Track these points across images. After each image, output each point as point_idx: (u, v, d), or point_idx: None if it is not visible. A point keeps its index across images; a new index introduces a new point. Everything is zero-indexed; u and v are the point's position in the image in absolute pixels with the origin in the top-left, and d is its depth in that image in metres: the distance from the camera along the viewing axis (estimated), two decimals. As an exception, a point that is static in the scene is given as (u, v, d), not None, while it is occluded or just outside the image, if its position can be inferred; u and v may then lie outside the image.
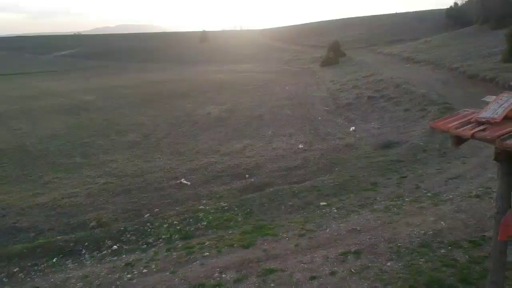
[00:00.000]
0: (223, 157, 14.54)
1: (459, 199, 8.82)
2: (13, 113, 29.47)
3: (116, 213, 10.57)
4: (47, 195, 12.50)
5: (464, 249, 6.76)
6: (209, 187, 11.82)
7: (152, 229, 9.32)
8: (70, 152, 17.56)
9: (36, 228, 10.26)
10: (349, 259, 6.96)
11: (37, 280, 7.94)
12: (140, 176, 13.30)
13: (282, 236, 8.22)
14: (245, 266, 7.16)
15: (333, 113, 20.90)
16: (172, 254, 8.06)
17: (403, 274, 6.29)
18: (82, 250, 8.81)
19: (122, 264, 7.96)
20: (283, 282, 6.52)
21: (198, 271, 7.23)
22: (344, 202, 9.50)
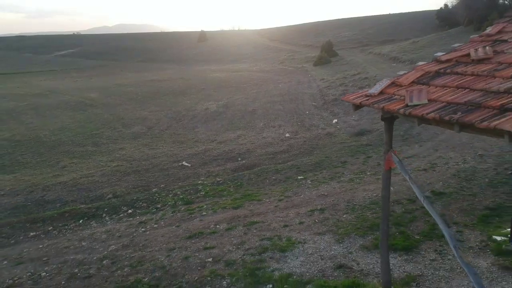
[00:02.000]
0: (219, 145, 16.54)
1: (410, 172, 10.85)
2: (22, 109, 31.35)
3: (128, 188, 12.54)
4: (67, 176, 14.47)
5: (402, 205, 8.78)
6: (206, 167, 13.81)
7: (160, 198, 11.31)
8: (82, 142, 19.51)
9: (61, 200, 12.23)
10: (315, 213, 8.97)
11: (68, 235, 9.93)
12: (146, 160, 15.28)
13: (265, 201, 10.23)
14: (235, 220, 9.17)
15: (320, 108, 22.90)
16: (177, 214, 10.06)
17: (354, 222, 8.30)
18: (103, 214, 10.81)
19: (137, 222, 9.96)
20: (262, 229, 8.52)
21: (197, 224, 9.24)
22: (317, 176, 11.52)
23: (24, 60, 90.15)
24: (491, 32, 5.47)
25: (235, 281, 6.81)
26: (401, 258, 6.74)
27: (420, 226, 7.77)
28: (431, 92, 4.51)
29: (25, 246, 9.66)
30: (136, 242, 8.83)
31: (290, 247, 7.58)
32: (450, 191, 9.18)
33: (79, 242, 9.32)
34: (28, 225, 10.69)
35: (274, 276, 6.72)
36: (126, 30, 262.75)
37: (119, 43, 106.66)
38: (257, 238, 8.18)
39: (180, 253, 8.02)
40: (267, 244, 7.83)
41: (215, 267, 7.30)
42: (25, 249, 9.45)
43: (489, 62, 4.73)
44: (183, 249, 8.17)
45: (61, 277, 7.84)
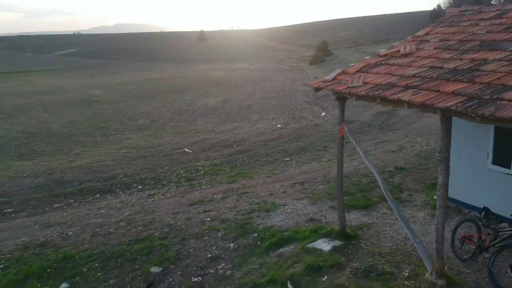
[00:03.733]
0: (217, 134, 18.29)
1: (380, 153, 12.61)
2: (30, 105, 33.03)
3: (137, 170, 14.28)
4: (81, 161, 16.20)
5: (368, 177, 10.52)
6: (205, 153, 15.55)
7: (165, 176, 13.05)
8: (91, 133, 21.24)
9: (78, 180, 13.96)
10: (296, 185, 10.72)
11: (88, 206, 11.67)
12: (152, 148, 17.01)
13: (255, 177, 11.97)
14: (229, 191, 10.91)
15: (311, 103, 24.64)
16: (180, 188, 11.80)
17: (327, 190, 10.04)
18: (116, 190, 12.54)
19: (146, 195, 11.70)
20: (252, 197, 10.26)
21: (198, 195, 10.98)
22: (301, 158, 13.27)
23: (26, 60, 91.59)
24: (420, 34, 7.23)
25: (228, 232, 8.55)
26: (360, 213, 8.49)
27: (379, 192, 9.48)
28: (367, 77, 6.25)
29: (51, 214, 11.39)
30: (147, 209, 10.57)
31: (273, 208, 9.32)
32: (410, 166, 10.93)
33: (98, 210, 11.06)
34: (51, 199, 12.43)
35: (259, 228, 8.46)
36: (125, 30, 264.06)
37: (119, 43, 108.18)
38: (247, 203, 9.92)
39: (184, 215, 9.76)
40: (255, 207, 9.57)
41: (212, 224, 9.04)
42: (52, 216, 11.19)
43: (411, 56, 6.48)
44: (186, 213, 9.90)
45: (86, 235, 9.57)
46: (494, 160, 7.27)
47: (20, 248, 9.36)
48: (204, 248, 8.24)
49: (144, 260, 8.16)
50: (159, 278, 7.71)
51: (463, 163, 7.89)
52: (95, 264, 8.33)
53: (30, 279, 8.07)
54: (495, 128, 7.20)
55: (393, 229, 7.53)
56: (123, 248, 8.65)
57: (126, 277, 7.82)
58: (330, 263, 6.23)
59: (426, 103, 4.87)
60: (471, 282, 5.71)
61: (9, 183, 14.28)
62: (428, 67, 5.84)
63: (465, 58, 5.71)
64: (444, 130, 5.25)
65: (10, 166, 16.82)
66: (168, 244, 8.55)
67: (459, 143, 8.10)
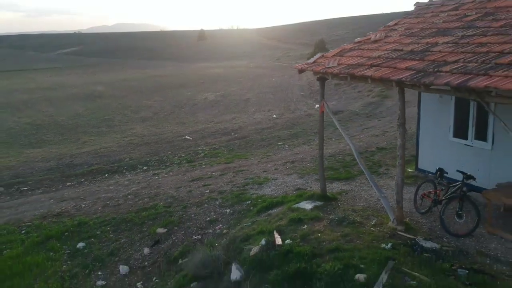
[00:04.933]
0: (216, 124, 19.43)
1: (365, 137, 13.75)
2: (36, 100, 34.09)
3: (142, 154, 15.40)
4: (88, 148, 17.32)
5: (351, 156, 11.62)
6: (205, 140, 16.68)
7: (168, 159, 14.19)
8: (97, 124, 22.36)
9: (87, 163, 15.07)
10: (287, 164, 11.85)
11: (98, 184, 12.79)
12: (155, 136, 18.14)
13: (251, 159, 13.10)
14: (226, 170, 12.04)
15: (307, 97, 25.77)
16: (182, 168, 12.93)
17: (314, 167, 11.15)
18: (123, 170, 13.67)
19: (151, 174, 12.83)
20: (247, 174, 11.39)
21: (198, 173, 12.11)
22: (294, 142, 14.41)
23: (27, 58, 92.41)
24: (390, 24, 8.36)
25: (225, 201, 9.68)
26: (341, 183, 9.61)
27: (360, 167, 10.62)
28: (342, 60, 7.37)
29: (64, 191, 12.52)
30: (152, 185, 11.70)
31: (266, 181, 10.45)
32: (390, 147, 12.06)
33: (107, 187, 12.19)
34: (64, 179, 13.56)
35: (252, 197, 9.58)
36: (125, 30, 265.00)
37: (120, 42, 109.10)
38: (242, 178, 11.05)
39: (185, 189, 10.88)
40: (249, 181, 10.70)
41: (211, 195, 10.17)
42: (65, 193, 12.31)
43: (380, 42, 7.60)
44: (187, 187, 11.03)
45: (97, 206, 10.70)
46: (454, 134, 8.39)
47: (38, 218, 10.49)
48: (203, 213, 9.37)
49: (151, 223, 9.30)
50: (164, 237, 8.85)
51: (430, 138, 9.02)
52: (107, 228, 9.47)
53: (50, 240, 9.21)
54: (455, 106, 8.32)
55: (368, 193, 8.65)
56: (131, 215, 9.78)
57: (135, 237, 8.96)
58: (310, 216, 7.36)
59: (383, 77, 6.00)
60: (426, 228, 6.84)
61: (23, 166, 15.40)
62: (392, 50, 6.97)
63: (422, 42, 6.84)
64: (401, 102, 6.38)
65: (21, 153, 17.94)
66: (171, 211, 9.69)
67: (427, 122, 9.25)
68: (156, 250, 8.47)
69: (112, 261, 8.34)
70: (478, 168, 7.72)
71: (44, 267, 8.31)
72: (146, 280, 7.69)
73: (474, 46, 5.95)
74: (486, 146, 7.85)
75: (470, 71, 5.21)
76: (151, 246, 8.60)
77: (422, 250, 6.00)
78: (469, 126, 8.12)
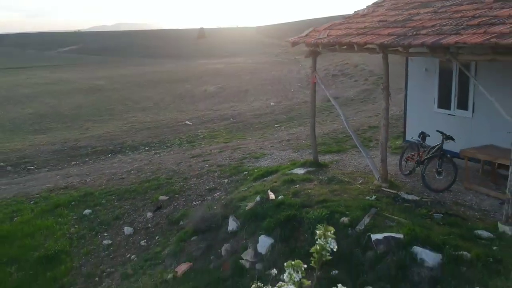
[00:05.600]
0: (215, 111, 19.98)
1: (359, 118, 14.32)
2: (38, 93, 34.59)
3: (143, 138, 15.93)
4: (91, 133, 17.85)
5: (344, 133, 12.19)
6: (205, 125, 17.22)
7: (169, 141, 14.75)
8: (99, 113, 22.89)
9: (91, 146, 15.59)
10: (283, 142, 12.40)
11: (102, 162, 13.33)
12: (155, 122, 18.68)
13: (249, 139, 13.65)
14: (225, 148, 12.59)
15: (304, 87, 26.27)
16: (182, 148, 13.48)
17: (308, 143, 11.68)
18: (126, 151, 14.21)
19: (153, 153, 13.38)
20: (244, 150, 11.94)
21: (198, 151, 12.65)
22: (290, 124, 14.97)
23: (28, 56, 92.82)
24: (379, 1, 8.90)
25: (223, 172, 10.22)
26: (333, 155, 10.16)
27: (352, 143, 11.12)
28: (331, 32, 7.91)
29: (70, 169, 13.05)
30: (154, 162, 12.24)
31: (262, 156, 11.00)
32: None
33: (111, 164, 12.74)
34: (69, 158, 14.10)
35: (249, 168, 10.13)
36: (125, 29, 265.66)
37: (120, 40, 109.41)
38: (240, 154, 11.59)
39: (186, 164, 11.42)
40: (246, 156, 11.24)
41: (210, 168, 10.71)
42: (71, 170, 12.85)
43: (367, 16, 8.15)
44: (188, 162, 11.57)
45: (102, 180, 11.23)
46: (439, 105, 8.93)
47: (46, 191, 11.01)
48: (203, 183, 9.92)
49: (153, 193, 9.84)
50: (166, 203, 9.40)
51: (416, 110, 9.57)
52: (112, 197, 10.01)
53: (58, 209, 9.76)
54: (439, 79, 8.86)
55: (357, 161, 9.21)
56: (135, 186, 10.33)
57: (138, 204, 9.51)
58: (302, 178, 7.90)
59: (367, 41, 6.55)
60: (409, 186, 7.39)
61: (29, 149, 15.93)
62: (377, 21, 7.51)
63: (404, 14, 7.39)
64: (385, 66, 6.93)
65: (26, 138, 18.47)
66: (173, 182, 10.23)
67: (413, 95, 9.80)
68: (159, 214, 9.02)
69: (117, 224, 8.89)
70: (460, 135, 8.25)
71: (53, 229, 8.86)
72: (149, 239, 8.24)
73: (450, 14, 6.49)
74: (467, 114, 8.39)
75: (444, 32, 5.75)
76: (153, 211, 9.14)
77: (403, 201, 6.55)
78: (452, 97, 8.67)
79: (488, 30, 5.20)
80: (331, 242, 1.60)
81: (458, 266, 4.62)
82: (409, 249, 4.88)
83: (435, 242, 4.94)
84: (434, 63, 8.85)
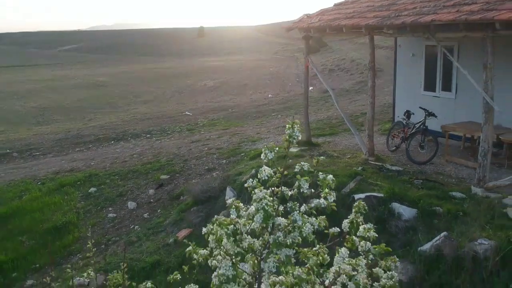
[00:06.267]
0: (215, 103, 20.50)
1: (353, 107, 14.86)
2: (40, 89, 35.06)
3: (145, 127, 16.44)
4: (94, 123, 18.37)
5: (338, 119, 12.70)
6: (204, 115, 17.74)
7: (169, 128, 15.25)
8: (101, 106, 23.40)
9: (94, 135, 16.10)
10: (279, 128, 12.92)
11: (105, 148, 13.85)
12: (157, 113, 19.20)
13: (247, 126, 14.17)
14: (224, 133, 13.11)
15: (302, 82, 26.80)
16: (182, 135, 14.00)
17: (302, 130, 12.21)
18: (128, 138, 14.73)
19: (154, 139, 13.89)
20: (242, 135, 12.46)
21: (197, 137, 13.18)
22: (286, 113, 15.49)
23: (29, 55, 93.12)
24: (368, -10, 9.40)
25: (221, 154, 10.74)
26: (326, 137, 10.68)
27: (344, 127, 11.66)
28: (323, 17, 8.44)
29: (74, 155, 13.57)
30: (155, 147, 12.77)
31: (259, 140, 11.52)
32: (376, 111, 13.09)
33: (114, 150, 13.25)
34: (73, 145, 14.62)
35: (246, 150, 10.65)
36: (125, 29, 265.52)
37: (120, 39, 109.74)
38: (238, 139, 12.12)
39: (186, 148, 11.95)
40: (244, 140, 11.77)
41: (209, 151, 11.23)
42: (75, 156, 13.36)
43: (357, 2, 8.67)
44: (188, 146, 12.10)
45: (105, 164, 11.75)
46: (425, 87, 9.45)
47: (52, 173, 11.53)
48: (202, 164, 10.44)
49: (155, 173, 10.37)
50: (167, 182, 9.93)
51: (404, 94, 10.10)
52: (116, 177, 10.54)
53: (64, 187, 10.28)
54: (425, 63, 9.38)
55: (348, 141, 9.74)
56: (137, 167, 10.86)
57: (141, 182, 10.03)
58: (295, 154, 8.42)
59: (354, 24, 7.07)
60: (394, 160, 7.91)
61: (33, 138, 16.44)
62: (365, 6, 8.03)
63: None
64: (371, 47, 7.45)
65: (30, 129, 18.98)
66: (173, 163, 10.76)
67: (401, 80, 10.33)
68: (160, 191, 9.54)
69: (121, 200, 9.41)
70: (445, 115, 8.77)
71: (60, 205, 9.39)
72: (151, 212, 8.76)
73: (431, -3, 7.01)
74: (451, 95, 8.91)
75: (423, 12, 6.27)
76: (155, 189, 9.66)
77: (387, 171, 7.08)
78: (437, 80, 9.19)
79: (461, 9, 5.72)
80: (297, 132, 2.12)
81: (430, 218, 5.14)
82: (388, 205, 5.40)
83: (412, 199, 5.45)
84: (421, 49, 9.37)
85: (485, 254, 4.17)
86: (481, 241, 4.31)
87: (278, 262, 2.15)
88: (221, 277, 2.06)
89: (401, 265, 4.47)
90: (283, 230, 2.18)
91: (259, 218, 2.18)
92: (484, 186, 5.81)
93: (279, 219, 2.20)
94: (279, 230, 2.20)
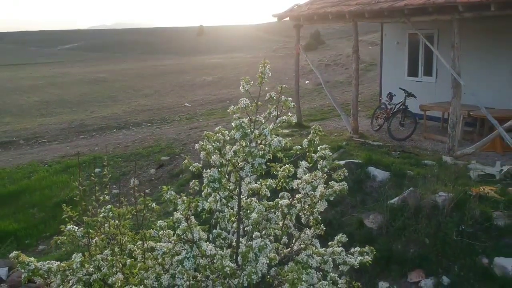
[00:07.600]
0: (213, 96, 21.14)
1: (344, 97, 15.51)
2: (42, 85, 35.65)
3: (146, 118, 17.10)
4: (96, 114, 19.01)
5: (329, 107, 13.34)
6: (203, 106, 18.38)
7: (169, 118, 15.90)
8: (102, 100, 24.04)
9: (97, 125, 16.75)
10: (274, 115, 13.54)
11: (107, 136, 14.50)
12: (156, 105, 19.85)
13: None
14: (221, 121, 13.76)
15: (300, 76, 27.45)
16: (182, 123, 14.65)
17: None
18: (130, 127, 15.37)
19: (155, 127, 14.55)
20: (238, 122, 13.10)
21: (196, 124, 13.83)
22: (281, 103, 16.11)
23: (30, 53, 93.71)
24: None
25: (218, 138, 11.37)
26: (317, 122, 11.32)
27: (335, 113, 12.33)
28: (311, 7, 9.08)
29: (78, 142, 14.22)
30: (156, 133, 13.42)
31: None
32: (364, 100, 13.79)
33: (117, 136, 13.91)
34: (77, 134, 15.26)
35: (241, 134, 11.28)
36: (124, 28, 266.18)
37: (120, 38, 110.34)
38: (234, 125, 12.75)
39: (185, 134, 12.60)
40: (240, 126, 12.39)
41: (207, 135, 11.86)
42: (79, 142, 14.01)
43: (343, -7, 9.30)
44: (186, 133, 12.75)
45: (108, 149, 12.39)
46: (408, 73, 10.10)
47: (58, 157, 12.19)
48: (200, 147, 11.08)
49: (156, 155, 11.03)
50: (167, 162, 10.58)
51: (389, 79, 10.74)
52: (119, 159, 11.20)
53: (70, 169, 10.93)
54: (408, 51, 10.03)
55: (337, 124, 10.39)
56: (139, 150, 11.51)
57: (143, 163, 10.69)
58: (285, 134, 9.08)
59: (339, 11, 7.71)
60: (377, 137, 8.56)
61: (38, 128, 17.08)
62: (350, -4, 8.68)
63: (373, -11, 8.54)
64: (354, 33, 8.10)
65: (34, 121, 19.61)
66: (173, 147, 11.42)
67: (387, 67, 10.98)
68: (161, 171, 10.20)
69: (124, 178, 10.07)
70: (426, 98, 9.43)
71: (67, 183, 10.03)
72: (153, 189, 9.41)
73: (408, -14, 7.65)
74: (432, 80, 9.57)
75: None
76: (156, 168, 10.32)
77: (369, 145, 7.72)
78: (419, 66, 9.84)
79: (432, -6, 6.37)
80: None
81: (402, 180, 5.79)
82: (365, 169, 6.04)
83: (387, 164, 6.10)
84: (404, 37, 10.03)
85: (444, 204, 4.80)
86: (441, 194, 4.95)
87: (252, 169, 2.80)
88: (210, 177, 2.72)
89: (372, 216, 5.11)
90: (256, 141, 2.83)
91: (238, 135, 2.83)
92: (454, 154, 6.45)
93: (252, 136, 2.85)
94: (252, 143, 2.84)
